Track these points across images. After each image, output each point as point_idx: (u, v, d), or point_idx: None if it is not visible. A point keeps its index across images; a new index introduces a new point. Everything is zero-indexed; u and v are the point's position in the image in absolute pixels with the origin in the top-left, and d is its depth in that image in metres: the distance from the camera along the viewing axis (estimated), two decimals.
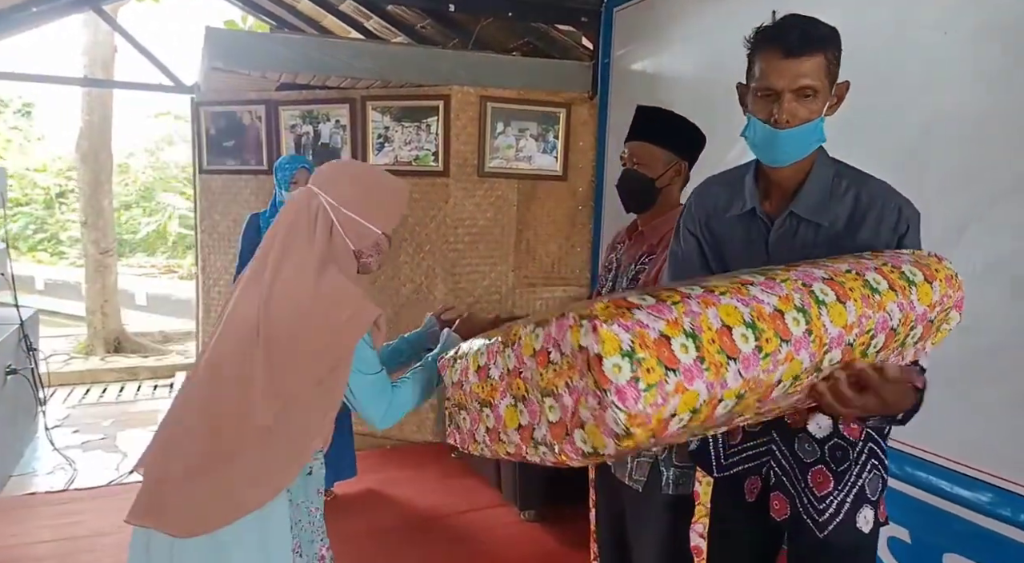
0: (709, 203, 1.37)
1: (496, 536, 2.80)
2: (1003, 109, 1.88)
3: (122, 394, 5.25)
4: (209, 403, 1.30)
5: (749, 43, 1.23)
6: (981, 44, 1.93)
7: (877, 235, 1.20)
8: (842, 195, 1.22)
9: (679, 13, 3.27)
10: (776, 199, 1.28)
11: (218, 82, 3.75)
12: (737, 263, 1.31)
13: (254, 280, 1.32)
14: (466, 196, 3.73)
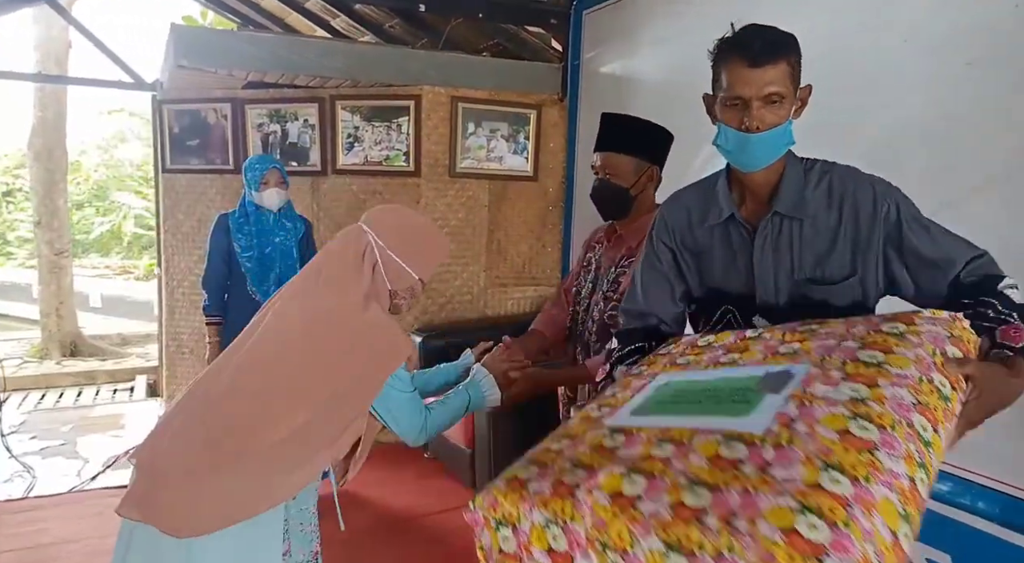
0: (682, 216, 1.37)
1: (471, 535, 2.81)
2: (962, 111, 1.98)
3: (80, 399, 5.10)
4: (227, 406, 1.30)
5: (713, 54, 1.25)
6: (941, 50, 2.02)
7: (856, 223, 1.22)
8: (815, 187, 1.25)
9: (647, 17, 3.33)
10: (752, 204, 1.30)
11: (182, 80, 3.67)
12: (722, 272, 1.33)
13: (296, 298, 1.39)
14: (437, 196, 3.73)
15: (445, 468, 3.37)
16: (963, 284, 1.20)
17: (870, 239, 1.23)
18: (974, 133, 1.94)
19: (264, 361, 1.33)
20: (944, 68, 2.01)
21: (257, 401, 1.29)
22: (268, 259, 2.89)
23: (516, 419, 2.82)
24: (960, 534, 1.94)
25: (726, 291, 1.34)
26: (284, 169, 2.90)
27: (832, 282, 1.24)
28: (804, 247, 1.25)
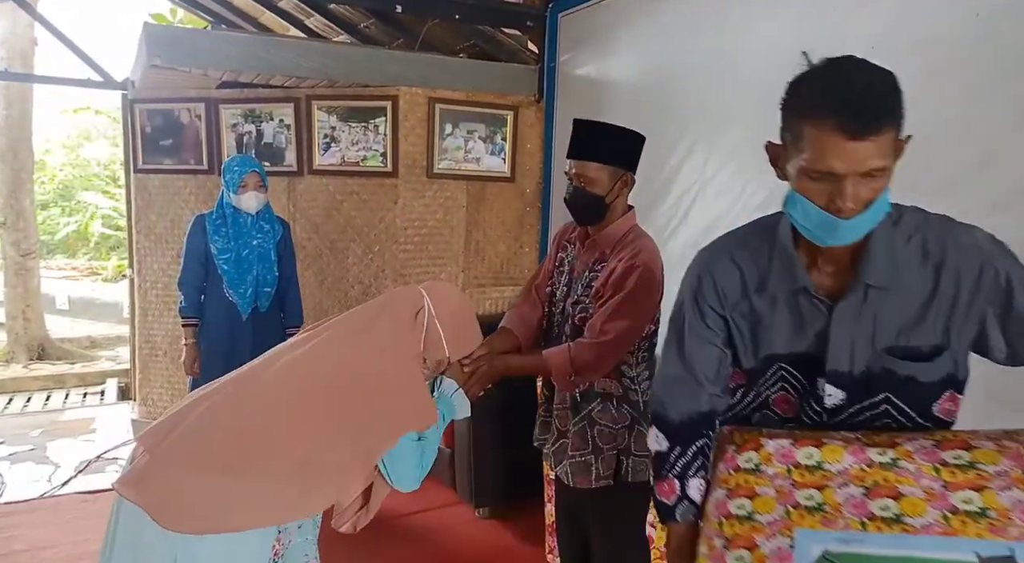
0: (734, 279, 1.16)
1: (452, 534, 2.84)
2: (923, 121, 2.05)
3: (49, 403, 5.01)
4: (255, 413, 1.32)
5: (787, 102, 1.03)
6: (904, 60, 2.09)
7: (956, 292, 1.04)
8: (905, 245, 1.06)
9: (622, 20, 3.38)
10: (829, 268, 1.09)
11: (154, 79, 3.63)
12: (785, 342, 1.15)
13: (351, 331, 1.47)
14: (415, 197, 3.74)
15: None
16: None
17: (970, 308, 1.04)
18: (934, 142, 2.01)
19: (304, 379, 1.36)
20: (906, 78, 2.08)
21: (286, 417, 1.30)
22: (245, 261, 2.88)
23: (495, 419, 2.86)
24: None
25: (785, 355, 1.16)
26: (264, 172, 2.89)
27: (918, 355, 1.08)
28: (889, 315, 1.07)
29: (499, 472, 2.90)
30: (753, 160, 2.64)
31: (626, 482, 1.75)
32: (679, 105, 2.97)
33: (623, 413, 1.76)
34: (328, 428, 1.31)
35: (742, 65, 2.66)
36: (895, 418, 1.12)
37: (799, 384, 1.16)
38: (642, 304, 1.68)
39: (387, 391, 1.39)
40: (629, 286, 1.66)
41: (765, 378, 1.19)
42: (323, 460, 1.29)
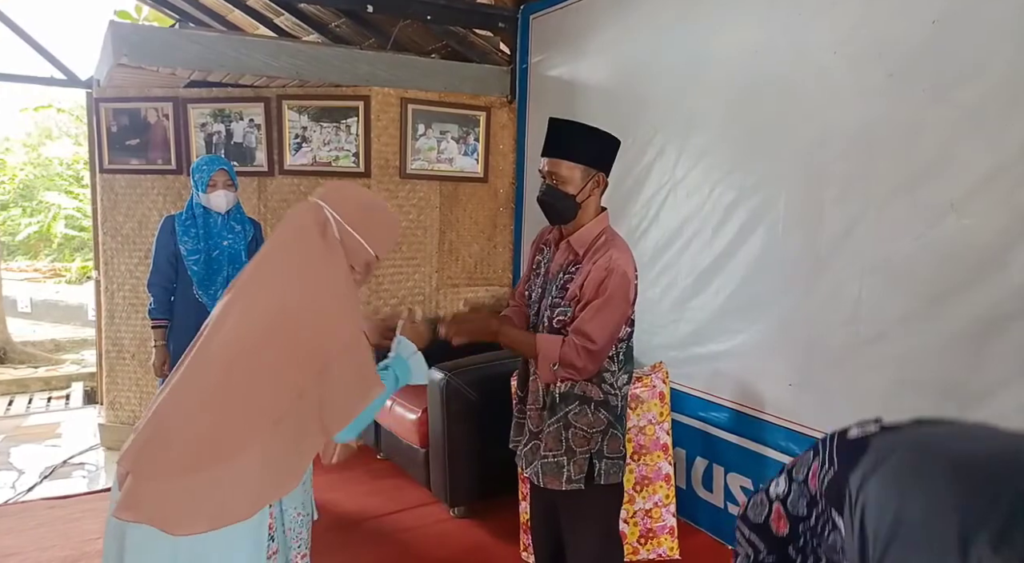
0: None
1: (427, 533, 2.84)
2: (882, 119, 2.12)
3: (11, 408, 4.88)
4: (219, 396, 1.26)
5: None
6: (864, 63, 2.16)
7: None
8: None
9: (592, 22, 3.42)
10: None
11: (121, 78, 3.56)
12: None
13: (266, 287, 1.34)
14: (388, 197, 3.73)
15: (397, 468, 3.39)
16: None
17: None
18: (893, 139, 2.09)
19: (244, 351, 1.28)
20: (866, 79, 2.15)
21: (244, 390, 1.26)
22: (216, 262, 2.85)
23: (470, 419, 2.87)
24: None
25: None
26: (233, 171, 2.86)
27: None
28: None
29: (474, 471, 2.91)
30: (722, 161, 2.70)
31: (599, 484, 1.78)
32: (650, 106, 3.01)
33: (600, 417, 1.77)
34: (286, 405, 1.27)
35: (710, 67, 2.71)
36: None
37: None
38: (621, 308, 1.71)
39: (332, 359, 1.30)
40: (608, 291, 1.68)
41: None
42: (292, 428, 1.27)
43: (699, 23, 2.77)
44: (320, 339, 1.30)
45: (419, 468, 3.09)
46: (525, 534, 2.60)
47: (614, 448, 1.79)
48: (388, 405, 3.26)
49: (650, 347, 2.88)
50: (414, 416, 3.05)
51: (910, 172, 2.05)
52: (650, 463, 2.52)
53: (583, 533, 1.84)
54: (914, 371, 2.03)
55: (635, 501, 2.52)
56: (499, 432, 2.76)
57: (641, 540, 2.54)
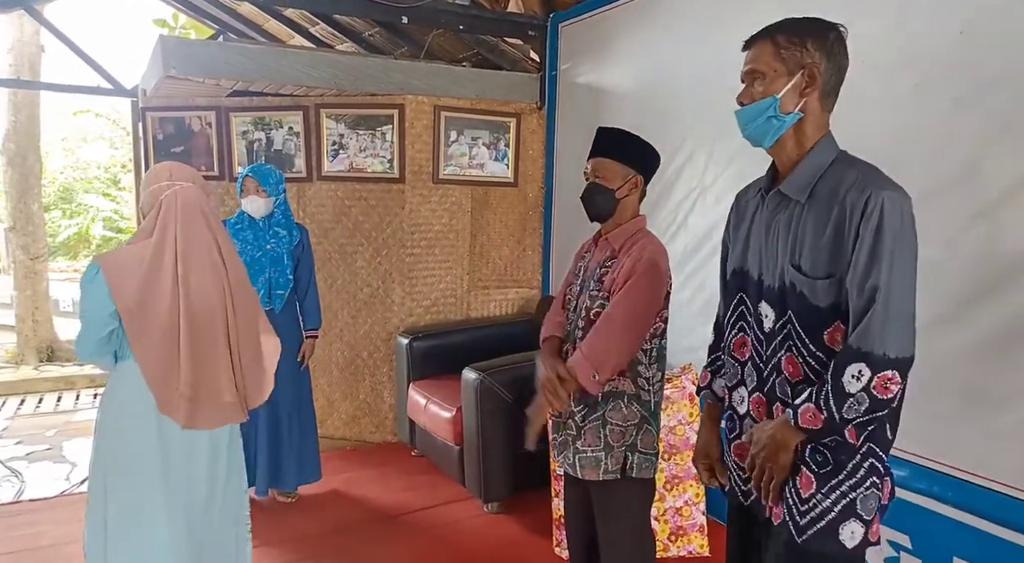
0: (741, 194, 1.52)
1: (462, 528, 2.94)
2: (909, 130, 2.16)
3: (60, 404, 5.09)
4: (228, 335, 1.83)
5: None
6: (891, 74, 2.21)
7: (840, 224, 1.22)
8: (830, 178, 1.27)
9: (620, 31, 3.49)
10: (779, 183, 1.35)
11: (166, 87, 3.71)
12: (745, 237, 1.43)
13: (211, 255, 1.81)
14: (421, 202, 3.85)
15: (432, 465, 3.49)
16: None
17: (845, 244, 1.21)
18: (921, 148, 2.13)
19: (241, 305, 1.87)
20: (894, 89, 2.19)
21: (249, 324, 1.89)
22: (258, 264, 2.98)
23: (503, 416, 2.96)
24: (918, 516, 2.13)
25: (742, 272, 1.43)
26: (265, 177, 2.93)
27: (810, 276, 1.26)
28: (799, 233, 1.28)
29: (507, 468, 3.00)
30: (751, 166, 2.74)
31: (631, 477, 1.85)
32: (678, 112, 3.07)
33: (633, 411, 1.85)
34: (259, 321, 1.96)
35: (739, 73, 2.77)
36: (795, 344, 1.30)
37: (748, 312, 1.41)
38: (644, 292, 1.79)
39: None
40: (634, 276, 1.78)
41: (730, 311, 1.46)
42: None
43: (728, 29, 2.82)
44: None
45: (453, 465, 3.18)
46: (558, 529, 2.68)
47: (648, 443, 1.87)
48: (423, 403, 3.37)
49: (679, 349, 2.94)
50: (449, 414, 3.15)
51: (939, 180, 2.08)
52: (680, 462, 2.59)
53: (615, 525, 1.92)
54: (939, 374, 2.07)
55: (665, 499, 2.59)
56: None
57: (671, 537, 2.61)
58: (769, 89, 1.29)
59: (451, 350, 3.62)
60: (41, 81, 5.81)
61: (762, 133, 1.32)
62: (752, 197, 1.46)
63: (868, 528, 1.27)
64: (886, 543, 2.21)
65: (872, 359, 1.17)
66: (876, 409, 1.19)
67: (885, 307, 1.17)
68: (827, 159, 1.29)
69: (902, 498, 2.16)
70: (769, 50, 1.29)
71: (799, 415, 1.25)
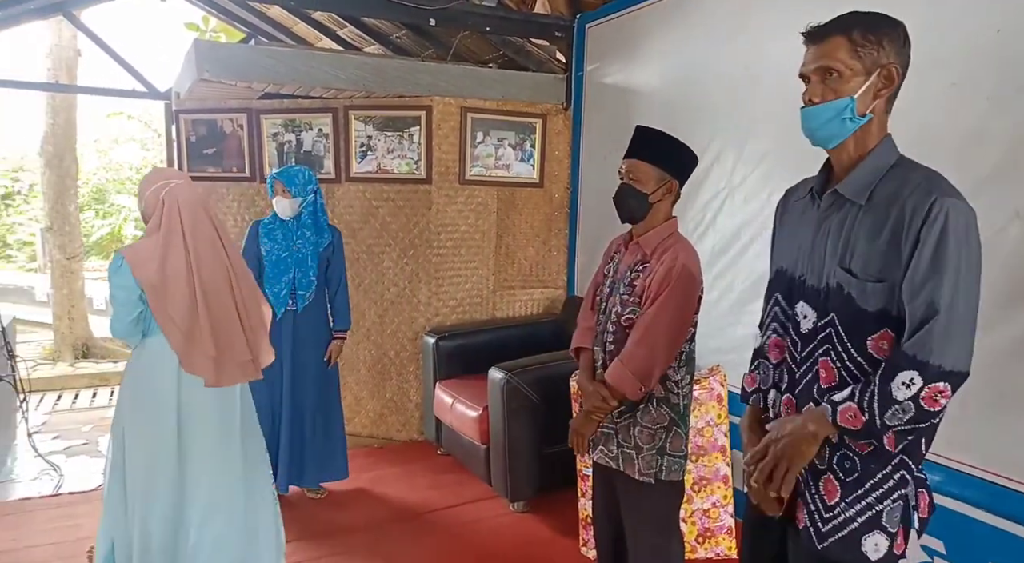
0: (791, 192, 1.47)
1: (488, 526, 2.96)
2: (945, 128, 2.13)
3: (95, 400, 5.22)
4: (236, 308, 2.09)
5: None
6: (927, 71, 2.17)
7: (898, 228, 1.18)
8: (890, 179, 1.23)
9: (649, 29, 3.48)
10: (835, 184, 1.31)
11: (199, 90, 3.79)
12: (792, 238, 1.40)
13: (211, 235, 2.08)
14: (448, 203, 3.88)
15: (458, 463, 3.52)
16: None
17: (902, 248, 1.17)
18: (955, 147, 2.10)
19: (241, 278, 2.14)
20: (928, 87, 2.16)
21: (251, 293, 2.19)
22: (283, 264, 3.03)
23: (529, 416, 2.97)
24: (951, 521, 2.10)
25: (783, 272, 1.39)
26: (293, 178, 2.96)
27: (861, 278, 1.22)
28: (853, 235, 1.24)
29: (533, 467, 3.01)
30: (779, 166, 2.74)
31: (660, 480, 1.86)
32: (706, 112, 3.06)
33: (662, 413, 1.85)
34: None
35: (768, 73, 2.75)
36: (835, 348, 1.26)
37: (784, 313, 1.38)
38: (682, 301, 1.79)
39: None
40: (670, 285, 1.77)
41: (766, 313, 1.44)
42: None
43: (756, 29, 2.81)
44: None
45: (479, 464, 3.21)
46: (584, 529, 2.69)
47: (676, 446, 1.87)
48: (449, 402, 3.39)
49: (707, 350, 2.93)
50: (475, 414, 3.17)
51: (973, 179, 2.04)
52: (708, 464, 2.58)
53: (644, 525, 1.92)
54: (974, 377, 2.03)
55: (693, 501, 2.58)
56: (558, 430, 2.86)
57: (699, 539, 2.60)
58: (844, 88, 1.22)
59: (477, 350, 3.64)
60: (79, 85, 5.95)
61: (834, 134, 1.26)
62: (802, 196, 1.42)
63: (893, 541, 1.24)
64: (920, 548, 2.18)
65: (927, 369, 1.14)
66: (920, 420, 1.17)
67: (948, 318, 1.13)
68: (888, 161, 1.26)
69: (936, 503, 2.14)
70: (845, 46, 1.21)
71: (838, 413, 1.21)
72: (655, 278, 1.80)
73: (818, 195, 1.34)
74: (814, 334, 1.31)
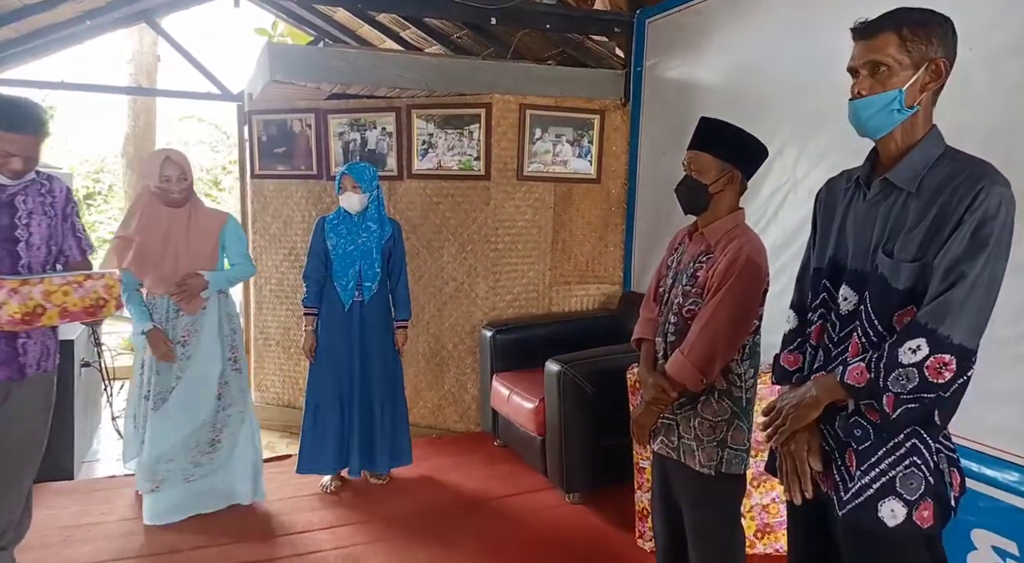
0: (832, 182, 1.53)
1: (544, 516, 3.00)
2: (1021, 116, 2.06)
3: None
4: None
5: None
6: (1002, 59, 2.11)
7: (945, 209, 1.23)
8: (937, 169, 1.28)
9: (711, 23, 3.46)
10: (881, 172, 1.37)
11: (269, 92, 3.97)
12: (837, 225, 1.44)
13: None
14: (506, 199, 3.94)
15: (514, 454, 3.58)
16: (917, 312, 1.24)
17: (944, 229, 1.23)
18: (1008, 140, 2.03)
19: None
20: (1003, 77, 2.10)
21: None
22: (349, 257, 3.14)
23: (585, 408, 3.00)
24: None
25: (832, 261, 1.43)
26: (362, 174, 3.08)
27: (896, 259, 1.28)
28: (900, 220, 1.30)
29: (589, 459, 3.04)
30: (843, 160, 2.66)
31: (721, 473, 1.86)
32: (768, 106, 3.02)
33: (724, 406, 1.85)
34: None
35: (832, 67, 2.69)
36: (863, 323, 1.33)
37: (831, 298, 1.43)
38: (746, 292, 1.78)
39: None
40: (734, 276, 1.77)
41: (813, 301, 1.50)
42: None
43: (821, 22, 2.77)
44: None
45: (535, 455, 3.26)
46: (641, 522, 2.70)
47: (738, 440, 1.86)
48: (506, 394, 3.45)
49: (768, 345, 2.88)
50: (531, 405, 3.22)
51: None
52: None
53: (705, 518, 1.92)
54: None
55: (752, 496, 2.57)
56: (614, 422, 2.88)
57: (758, 534, 2.58)
58: (893, 81, 1.29)
59: (533, 343, 3.69)
60: (159, 88, 6.28)
61: (882, 125, 1.33)
62: (844, 186, 1.47)
63: (912, 509, 1.28)
64: (991, 549, 2.11)
65: (935, 338, 1.19)
66: (924, 390, 1.21)
67: (966, 293, 1.19)
68: (936, 151, 1.31)
69: (1010, 503, 2.07)
70: (894, 41, 1.28)
71: (848, 371, 1.30)
72: (718, 270, 1.79)
73: (864, 184, 1.39)
74: (852, 317, 1.37)
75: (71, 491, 3.21)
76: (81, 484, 3.36)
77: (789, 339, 1.60)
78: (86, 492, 3.19)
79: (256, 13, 6.68)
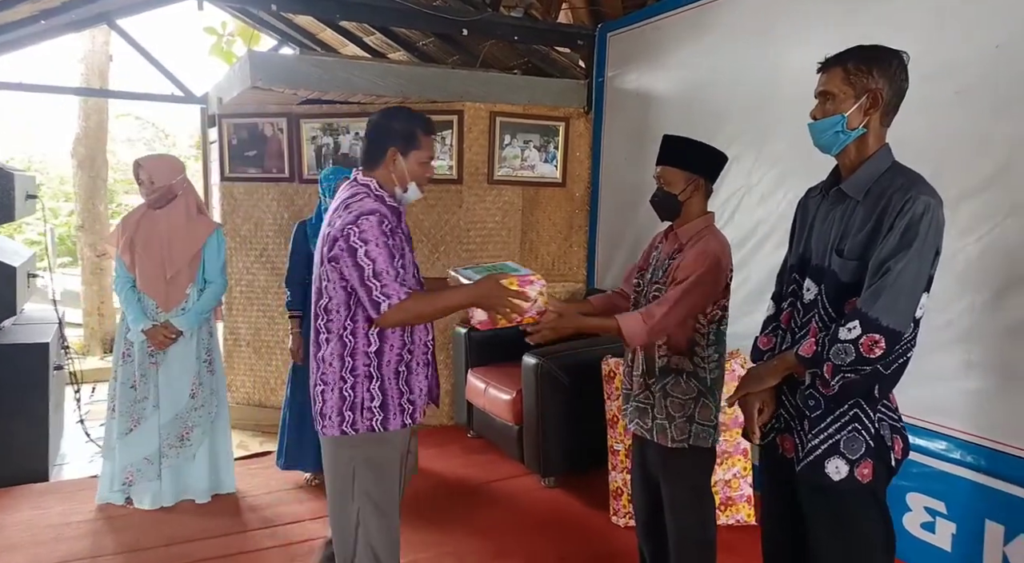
0: (810, 192, 1.78)
1: (522, 500, 3.19)
2: (951, 133, 2.38)
3: None
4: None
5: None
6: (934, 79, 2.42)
7: (880, 215, 1.46)
8: (883, 181, 1.51)
9: (670, 38, 3.72)
10: (842, 183, 1.61)
11: (242, 95, 4.02)
12: (809, 228, 1.69)
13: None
14: (477, 201, 4.12)
15: (490, 444, 3.75)
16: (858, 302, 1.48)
17: (880, 233, 1.46)
18: (960, 150, 2.35)
19: None
20: (936, 95, 2.40)
21: None
22: None
23: (562, 399, 3.21)
24: (954, 485, 2.35)
25: (802, 258, 1.68)
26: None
27: (845, 258, 1.53)
28: (849, 224, 1.54)
29: (565, 445, 3.25)
30: (794, 168, 2.99)
31: (691, 446, 2.09)
32: (724, 117, 3.30)
33: (691, 386, 2.09)
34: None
35: (784, 81, 2.99)
36: (820, 311, 1.60)
37: (797, 288, 1.68)
38: (706, 279, 2.01)
39: None
40: (695, 268, 2.00)
41: (784, 291, 1.75)
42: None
43: (775, 39, 3.05)
44: None
45: (512, 443, 3.44)
46: (615, 500, 2.92)
47: (705, 416, 2.10)
48: (482, 387, 3.63)
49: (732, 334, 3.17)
50: (508, 397, 3.40)
51: (976, 179, 2.30)
52: (730, 439, 2.83)
53: (678, 489, 2.15)
54: (979, 355, 2.29)
55: (716, 472, 2.82)
56: (588, 410, 3.11)
57: (721, 507, 2.84)
58: (838, 108, 1.54)
59: (506, 339, 3.86)
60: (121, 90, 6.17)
61: (830, 143, 1.59)
62: (815, 196, 1.75)
63: (854, 467, 1.53)
64: (922, 509, 2.43)
65: (867, 320, 1.43)
66: (859, 364, 1.45)
67: (892, 283, 1.42)
68: (883, 167, 1.55)
69: (939, 469, 2.38)
70: (840, 75, 1.54)
71: (802, 345, 1.56)
72: (685, 261, 2.03)
73: (827, 193, 1.65)
74: (812, 305, 1.64)
75: (56, 490, 3.22)
76: (67, 483, 3.37)
77: (766, 324, 1.86)
78: (72, 491, 3.20)
79: (209, 12, 6.65)
